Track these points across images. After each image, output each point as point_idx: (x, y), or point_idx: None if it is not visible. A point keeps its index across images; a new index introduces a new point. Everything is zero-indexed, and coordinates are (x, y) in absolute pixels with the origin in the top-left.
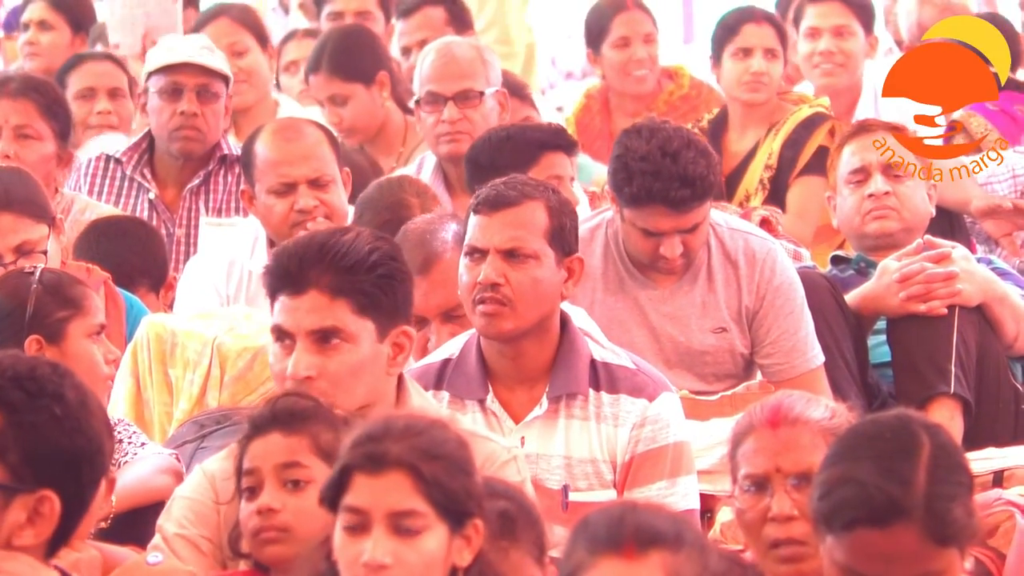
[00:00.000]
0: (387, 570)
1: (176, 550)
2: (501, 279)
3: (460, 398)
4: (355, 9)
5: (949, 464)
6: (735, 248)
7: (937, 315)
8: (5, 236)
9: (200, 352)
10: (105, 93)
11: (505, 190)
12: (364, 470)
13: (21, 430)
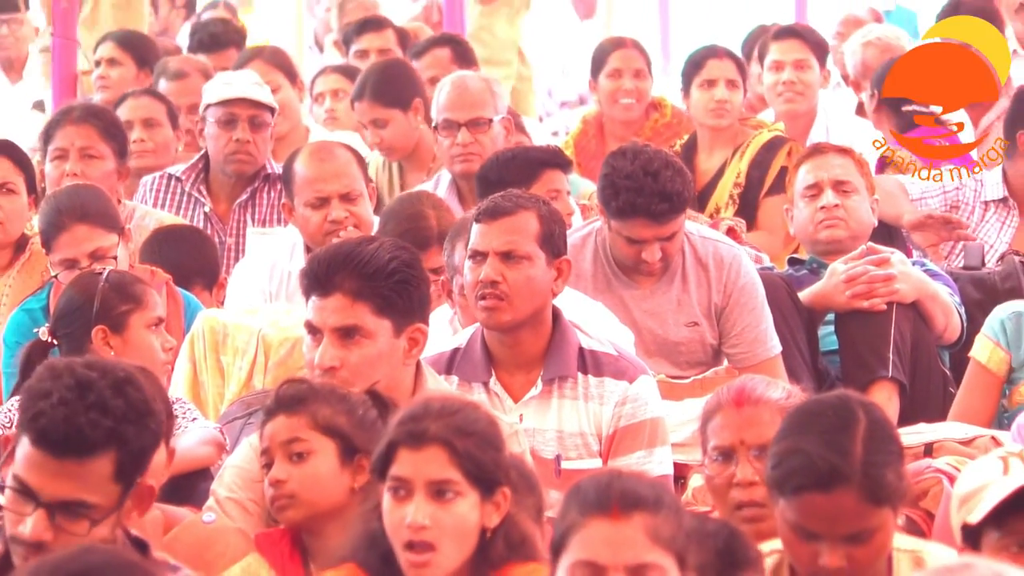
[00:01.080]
0: (426, 530)
1: (227, 511)
2: (499, 277)
3: (467, 381)
4: (378, 47)
5: (882, 436)
6: (706, 253)
7: (877, 310)
8: (81, 244)
9: (247, 342)
10: (140, 124)
11: (502, 202)
12: (407, 445)
13: (127, 435)
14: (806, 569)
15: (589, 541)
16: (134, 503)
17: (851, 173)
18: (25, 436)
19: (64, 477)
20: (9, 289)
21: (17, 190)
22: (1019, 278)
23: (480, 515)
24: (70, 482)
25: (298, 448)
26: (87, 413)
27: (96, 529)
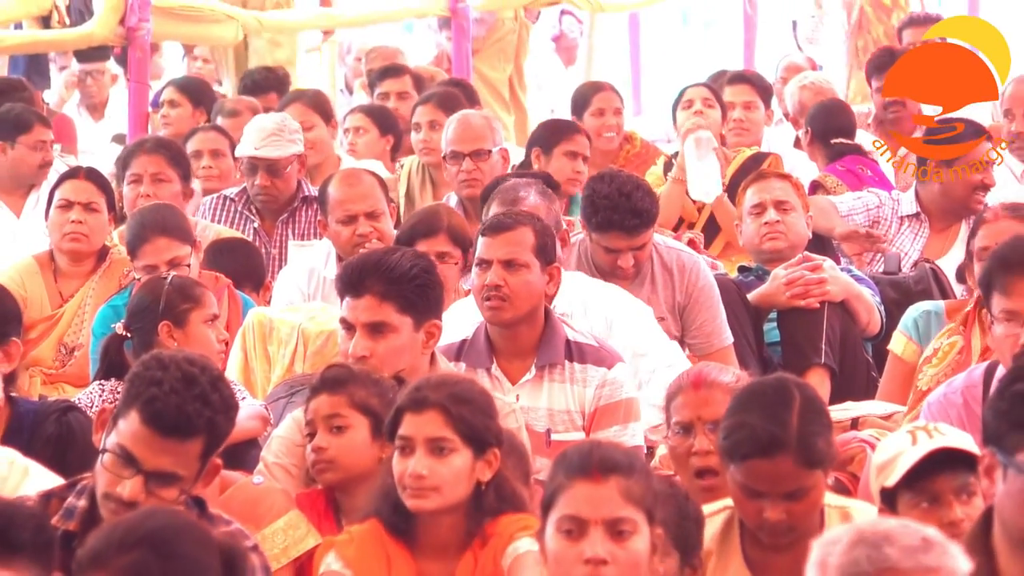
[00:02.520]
0: (424, 479)
1: (273, 474)
2: (501, 282)
3: (473, 367)
4: (397, 90)
5: (814, 411)
6: (670, 260)
7: (812, 308)
8: (161, 253)
9: (289, 334)
10: (208, 153)
11: (504, 218)
12: (410, 409)
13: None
14: (753, 522)
15: (573, 499)
16: (206, 476)
17: (789, 194)
18: (135, 414)
19: (164, 452)
20: (92, 291)
21: (100, 209)
22: (929, 282)
23: (473, 470)
24: (168, 457)
25: (338, 422)
26: (193, 403)
27: (172, 498)
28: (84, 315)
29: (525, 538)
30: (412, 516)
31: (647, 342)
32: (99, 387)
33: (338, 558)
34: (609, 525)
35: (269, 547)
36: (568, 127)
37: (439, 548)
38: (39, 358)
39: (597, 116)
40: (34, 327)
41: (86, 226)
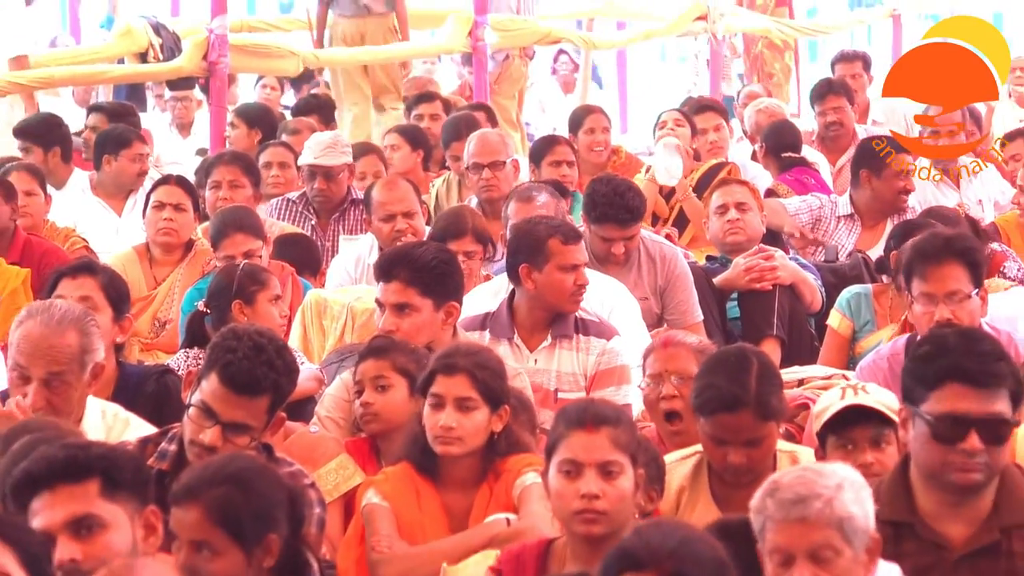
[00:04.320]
0: (452, 430)
1: (326, 425)
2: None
3: (496, 337)
4: (430, 113)
5: (768, 374)
6: (655, 251)
7: (766, 290)
8: (238, 247)
9: (340, 311)
10: (276, 165)
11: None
12: (442, 372)
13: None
14: (718, 465)
15: (571, 446)
16: (273, 426)
17: (747, 197)
18: (214, 376)
19: (238, 407)
20: (180, 276)
21: (187, 209)
22: (861, 269)
23: (489, 422)
24: (241, 411)
25: (382, 382)
26: (261, 367)
27: (244, 445)
28: (174, 295)
29: (530, 472)
30: (437, 458)
31: (630, 329)
32: (185, 354)
33: (376, 493)
34: (601, 467)
35: (323, 484)
36: (550, 143)
37: (459, 483)
38: (137, 330)
39: (589, 134)
40: (134, 304)
41: (176, 223)
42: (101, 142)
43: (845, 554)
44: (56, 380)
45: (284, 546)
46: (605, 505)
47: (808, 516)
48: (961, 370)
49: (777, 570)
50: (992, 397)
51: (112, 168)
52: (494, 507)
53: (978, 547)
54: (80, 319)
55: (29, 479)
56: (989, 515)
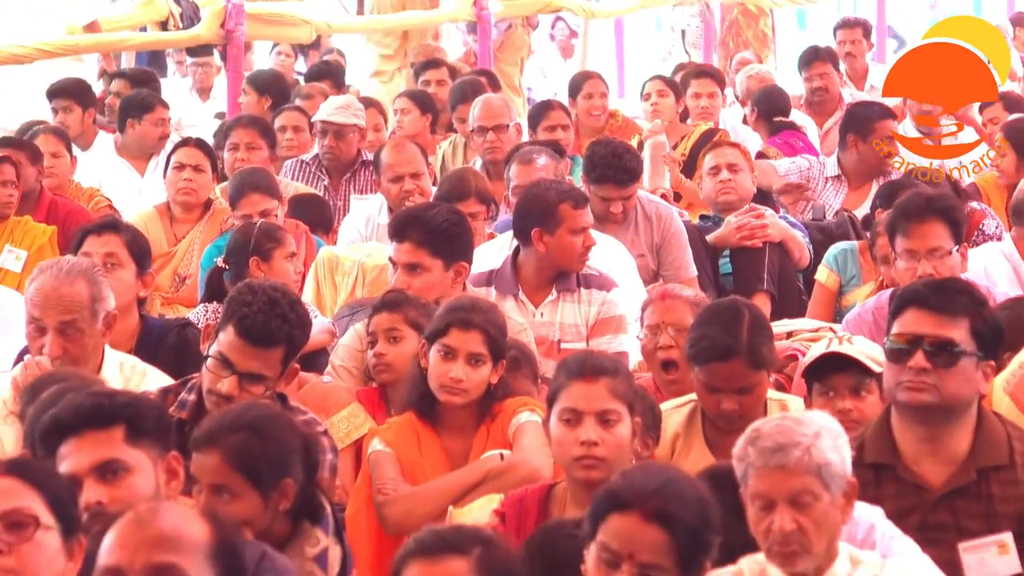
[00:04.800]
0: (461, 382)
1: (339, 375)
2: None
3: (502, 293)
4: (436, 79)
5: (759, 326)
6: (651, 210)
7: (756, 247)
8: (255, 206)
9: (351, 267)
10: (290, 128)
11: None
12: (458, 327)
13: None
14: (712, 412)
15: (571, 395)
16: (287, 377)
17: (739, 159)
18: (231, 328)
19: (253, 358)
20: (199, 234)
21: (206, 170)
22: (847, 227)
23: (489, 375)
24: (256, 361)
25: (394, 334)
26: (275, 320)
27: (267, 392)
28: (193, 252)
29: (524, 411)
30: (437, 404)
31: (628, 285)
32: (204, 308)
33: (380, 441)
34: (599, 415)
35: (335, 431)
36: (545, 108)
37: (458, 428)
38: (158, 285)
39: (587, 99)
40: (155, 261)
41: (195, 183)
42: (125, 107)
43: (823, 499)
44: (70, 328)
45: (299, 490)
46: (603, 452)
47: (787, 464)
48: (920, 296)
49: (759, 514)
50: (947, 323)
51: (135, 131)
52: (491, 447)
53: (955, 488)
54: (88, 270)
55: (57, 426)
56: (966, 458)
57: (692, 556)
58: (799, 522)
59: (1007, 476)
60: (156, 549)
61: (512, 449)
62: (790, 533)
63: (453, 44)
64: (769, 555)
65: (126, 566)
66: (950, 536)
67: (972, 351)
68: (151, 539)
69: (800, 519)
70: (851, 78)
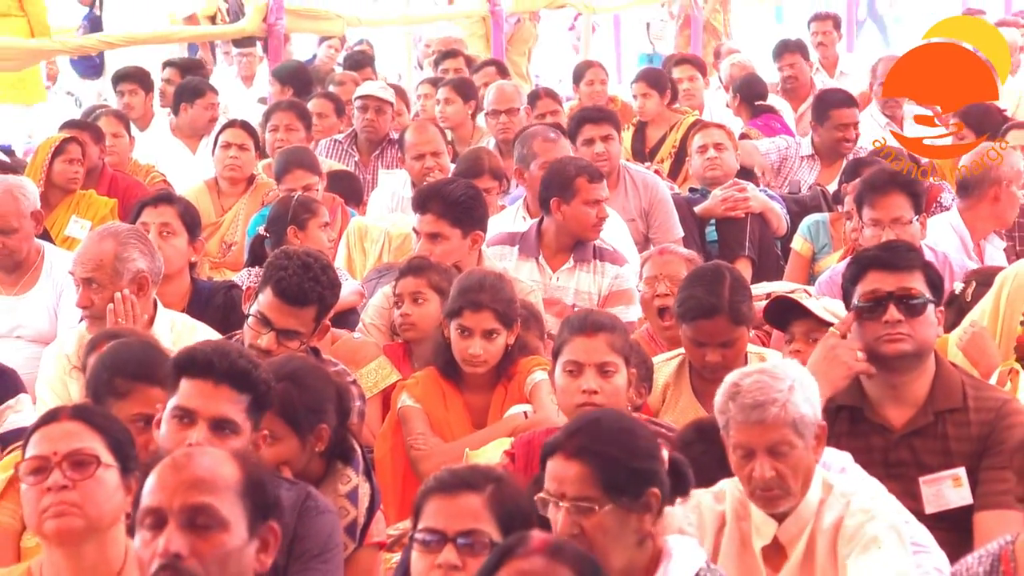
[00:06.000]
0: (479, 356)
1: (368, 331)
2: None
3: (525, 255)
4: (453, 67)
5: (740, 287)
6: (639, 179)
7: (739, 217)
8: (298, 181)
9: (379, 236)
10: (316, 115)
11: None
12: (470, 309)
13: (326, 296)
14: (698, 364)
15: (573, 349)
16: (319, 333)
17: (724, 139)
18: (269, 289)
19: (289, 316)
20: (244, 205)
21: (250, 148)
22: (820, 200)
23: (506, 340)
24: (292, 319)
25: (418, 297)
26: (308, 282)
27: (301, 347)
28: (238, 221)
29: (538, 371)
30: (460, 367)
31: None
32: (248, 271)
33: (410, 396)
34: (598, 367)
35: (364, 382)
36: (534, 97)
37: (479, 386)
38: (207, 251)
39: (589, 85)
40: (205, 229)
41: (240, 161)
42: (179, 92)
43: (798, 446)
44: (93, 282)
45: (332, 433)
46: (602, 399)
47: (766, 419)
48: (878, 259)
49: (740, 461)
50: (906, 277)
51: (188, 114)
52: (508, 403)
53: (915, 428)
54: (119, 233)
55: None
56: (925, 402)
57: (620, 483)
58: (777, 469)
59: (961, 418)
60: (192, 491)
61: (533, 407)
62: (770, 479)
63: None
64: (752, 498)
65: (165, 507)
66: (910, 471)
67: (931, 298)
68: (187, 482)
69: (778, 466)
70: (823, 66)
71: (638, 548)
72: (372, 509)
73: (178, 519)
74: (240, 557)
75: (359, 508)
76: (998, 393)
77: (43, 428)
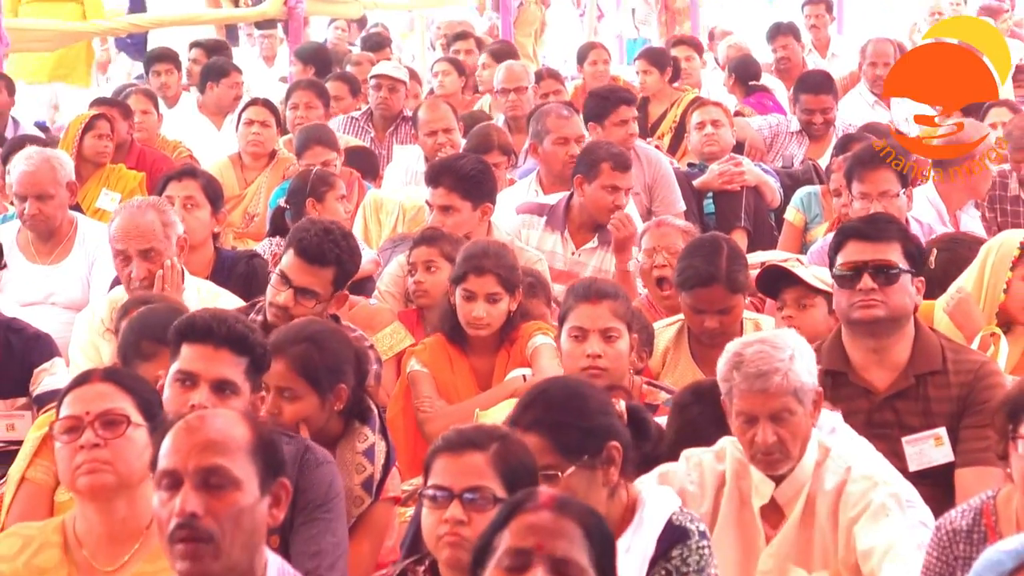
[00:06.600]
0: (482, 319)
1: (383, 298)
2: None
3: (551, 227)
4: (464, 49)
5: (736, 256)
6: (643, 155)
7: (735, 190)
8: (317, 157)
9: (394, 208)
10: (333, 99)
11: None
12: (474, 273)
13: (344, 259)
14: (697, 329)
15: (578, 315)
16: (337, 300)
17: (721, 116)
18: (291, 250)
19: (308, 274)
20: (265, 179)
21: (271, 125)
22: (812, 173)
23: (508, 305)
24: (311, 278)
25: (431, 265)
26: (328, 244)
27: (314, 310)
28: (260, 194)
29: (539, 335)
30: (466, 332)
31: None
32: (269, 241)
33: (418, 361)
34: (602, 332)
35: (380, 346)
36: (537, 77)
37: (484, 350)
38: (230, 222)
39: (592, 65)
40: (228, 202)
41: (262, 136)
42: (206, 72)
43: (798, 412)
44: (151, 252)
45: (351, 393)
46: (606, 363)
47: (769, 388)
48: (857, 230)
49: (743, 427)
50: (882, 248)
51: (214, 93)
52: (511, 366)
53: (897, 391)
54: (155, 203)
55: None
56: (906, 365)
57: (577, 445)
58: (779, 434)
59: (941, 380)
60: (205, 453)
61: (533, 369)
62: (772, 444)
63: (479, 20)
64: (753, 461)
65: (180, 468)
66: (894, 432)
67: (907, 268)
68: (200, 444)
69: (780, 432)
70: (816, 47)
71: (611, 500)
72: (387, 466)
73: (193, 480)
74: (253, 514)
75: (375, 465)
76: (976, 356)
77: (76, 389)
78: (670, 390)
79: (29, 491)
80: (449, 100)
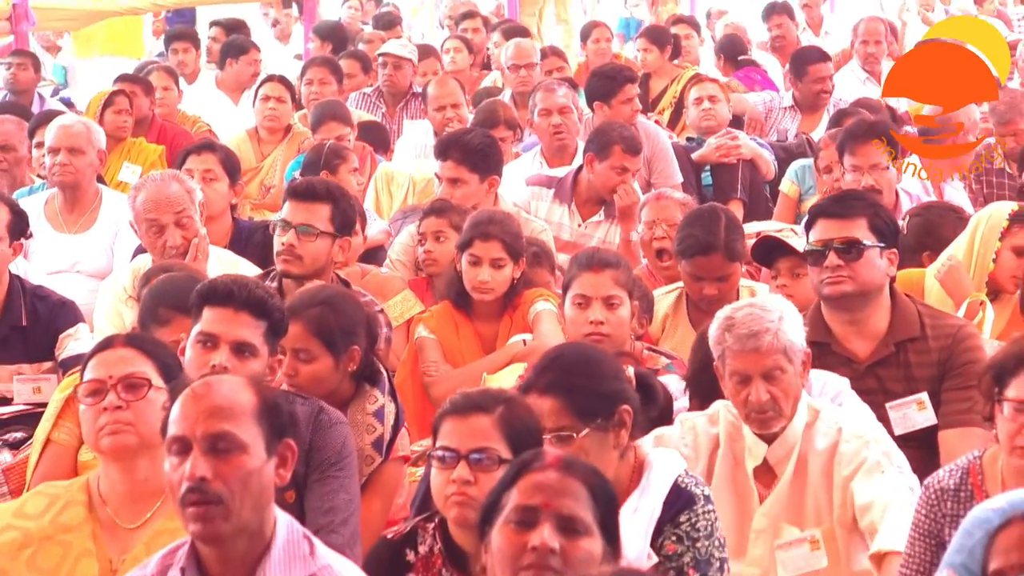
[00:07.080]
0: (487, 283)
1: (394, 266)
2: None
3: (559, 200)
4: (472, 27)
5: (733, 226)
6: (641, 129)
7: (732, 163)
8: (332, 132)
9: (404, 180)
10: (346, 76)
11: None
12: (479, 239)
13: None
14: (696, 296)
15: (581, 284)
16: (341, 246)
17: (717, 92)
18: (287, 196)
19: (303, 211)
20: (281, 153)
21: (286, 101)
22: (805, 147)
23: (512, 272)
24: (305, 213)
25: (440, 235)
26: (319, 183)
27: (319, 250)
28: (276, 167)
29: (540, 301)
30: (470, 297)
31: None
32: None
33: (425, 327)
34: (604, 300)
35: (391, 312)
36: (541, 55)
37: (488, 316)
38: (248, 193)
39: (595, 43)
40: (245, 174)
41: (278, 112)
42: (225, 49)
43: (789, 371)
44: (183, 218)
45: (363, 356)
46: (608, 329)
47: (760, 347)
48: (824, 208)
49: (736, 388)
50: (847, 225)
51: (232, 69)
52: (514, 331)
53: (878, 359)
54: (175, 174)
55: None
56: (885, 334)
57: (591, 408)
58: (771, 392)
59: (920, 346)
60: (212, 419)
61: (533, 334)
62: (765, 402)
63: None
64: (747, 420)
65: (189, 435)
66: (878, 398)
67: (873, 243)
68: (207, 410)
69: (772, 390)
70: (810, 25)
71: (621, 461)
72: (397, 426)
73: (201, 445)
74: (260, 475)
75: (385, 425)
76: (953, 320)
77: (99, 354)
78: (670, 355)
79: (54, 452)
80: (458, 76)
